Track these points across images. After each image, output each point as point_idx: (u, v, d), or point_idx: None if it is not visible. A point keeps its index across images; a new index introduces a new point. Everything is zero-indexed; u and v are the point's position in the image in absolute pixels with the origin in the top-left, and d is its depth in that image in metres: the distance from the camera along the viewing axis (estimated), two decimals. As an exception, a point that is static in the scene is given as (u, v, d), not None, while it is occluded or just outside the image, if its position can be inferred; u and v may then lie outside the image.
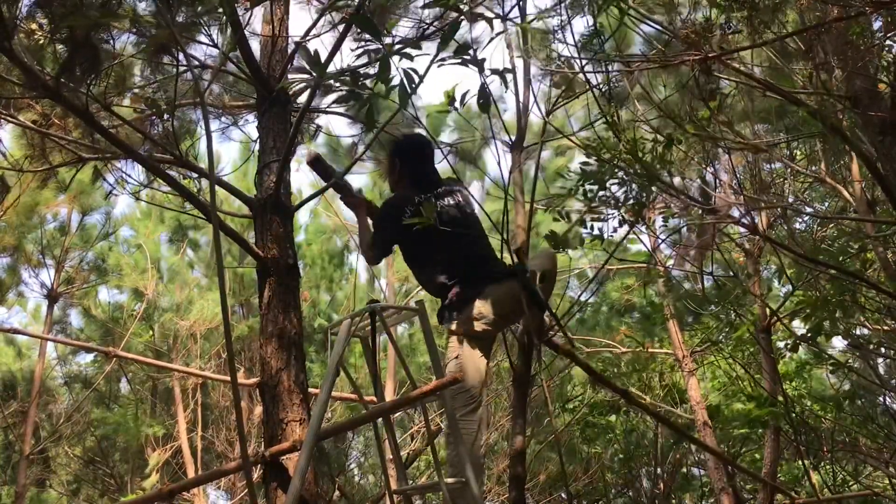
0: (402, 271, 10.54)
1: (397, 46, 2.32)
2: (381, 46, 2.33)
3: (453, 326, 3.30)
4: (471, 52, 2.54)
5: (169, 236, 12.24)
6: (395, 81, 2.42)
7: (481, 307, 3.25)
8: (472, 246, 3.44)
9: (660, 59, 3.87)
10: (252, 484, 2.61)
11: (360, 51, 2.52)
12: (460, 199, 3.55)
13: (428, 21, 4.85)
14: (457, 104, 2.71)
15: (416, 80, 2.40)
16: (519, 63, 4.44)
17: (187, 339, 10.67)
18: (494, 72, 2.65)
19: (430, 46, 5.25)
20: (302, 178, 37.65)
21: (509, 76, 2.75)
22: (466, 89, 2.74)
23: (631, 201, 3.62)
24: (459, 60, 2.55)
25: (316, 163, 3.90)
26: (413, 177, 3.61)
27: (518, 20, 4.59)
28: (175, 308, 11.13)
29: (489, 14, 4.95)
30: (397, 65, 2.36)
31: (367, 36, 2.37)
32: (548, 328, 3.83)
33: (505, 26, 4.95)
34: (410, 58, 2.35)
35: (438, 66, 2.55)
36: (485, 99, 2.66)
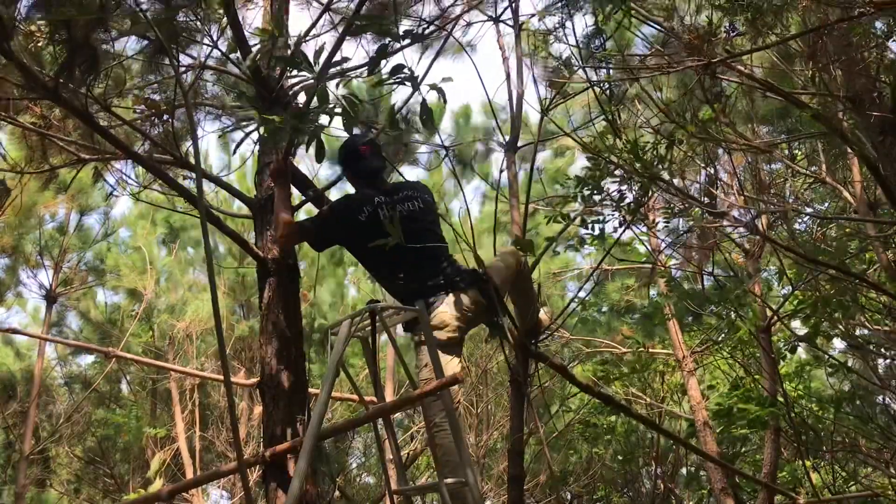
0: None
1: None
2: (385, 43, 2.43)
3: (420, 336, 3.23)
4: (406, 70, 2.71)
5: (163, 237, 12.18)
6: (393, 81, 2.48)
7: (444, 315, 3.19)
8: (430, 252, 3.33)
9: (662, 66, 3.85)
10: (248, 486, 2.61)
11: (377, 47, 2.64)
12: (420, 203, 3.47)
13: (428, 19, 4.84)
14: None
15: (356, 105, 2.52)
16: (513, 63, 4.46)
17: (184, 339, 10.65)
18: (432, 87, 2.80)
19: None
20: (302, 179, 37.49)
21: (446, 90, 2.90)
22: (396, 103, 2.92)
23: (628, 200, 3.63)
24: (396, 80, 2.71)
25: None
26: (360, 175, 3.54)
27: (511, 22, 4.61)
28: (171, 309, 11.11)
29: (482, 16, 4.98)
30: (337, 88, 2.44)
31: (369, 35, 2.46)
32: (544, 329, 3.82)
33: (498, 28, 4.97)
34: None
35: (374, 88, 2.75)
36: (427, 115, 2.80)
